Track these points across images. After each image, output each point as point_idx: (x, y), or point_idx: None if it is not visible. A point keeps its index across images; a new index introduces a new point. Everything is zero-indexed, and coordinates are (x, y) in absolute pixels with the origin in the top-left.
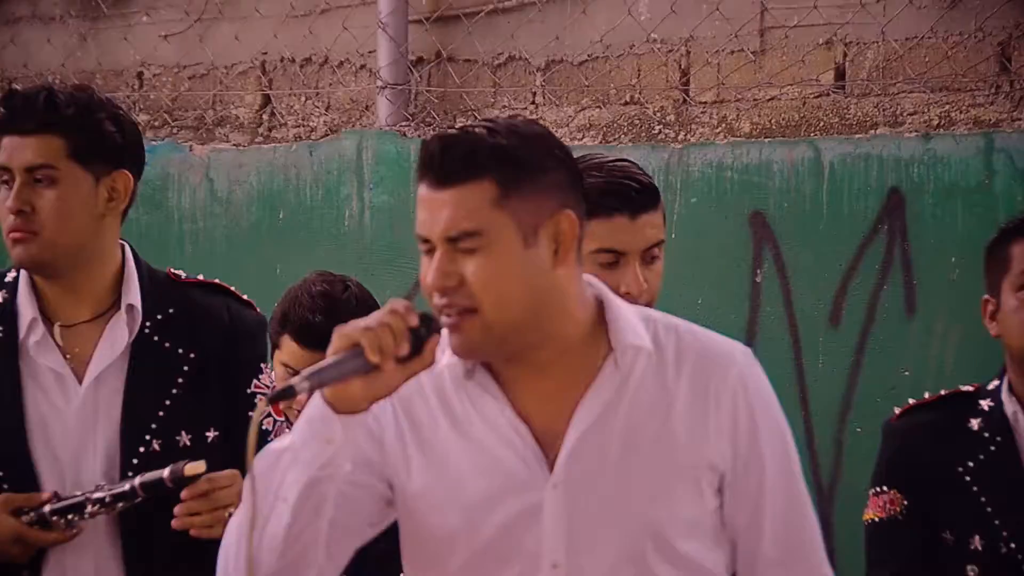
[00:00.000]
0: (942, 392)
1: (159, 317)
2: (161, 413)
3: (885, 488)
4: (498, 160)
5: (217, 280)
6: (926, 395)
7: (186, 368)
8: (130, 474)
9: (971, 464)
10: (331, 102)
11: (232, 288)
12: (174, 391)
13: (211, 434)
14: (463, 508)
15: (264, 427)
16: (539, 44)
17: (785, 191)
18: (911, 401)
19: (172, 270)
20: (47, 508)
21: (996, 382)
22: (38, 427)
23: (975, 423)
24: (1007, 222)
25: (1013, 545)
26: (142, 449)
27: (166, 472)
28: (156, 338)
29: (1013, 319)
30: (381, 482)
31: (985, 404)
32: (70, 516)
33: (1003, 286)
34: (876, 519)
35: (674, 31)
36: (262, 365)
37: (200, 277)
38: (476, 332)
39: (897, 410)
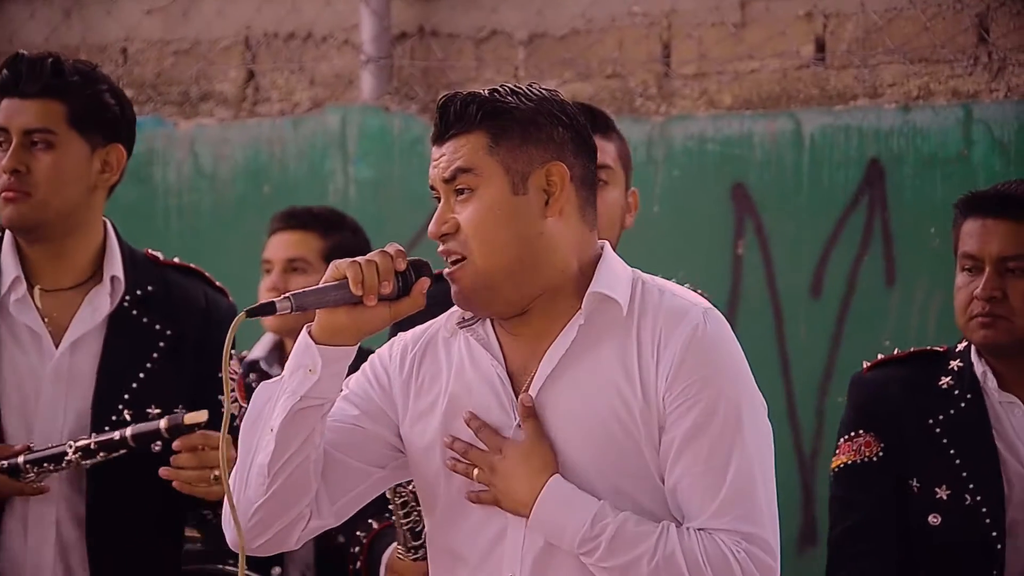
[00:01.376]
0: (911, 349)
1: (138, 293)
2: (135, 385)
3: (860, 432)
4: (489, 113)
5: (193, 264)
6: (895, 351)
7: (162, 344)
8: (106, 429)
9: (941, 417)
10: (315, 77)
11: (207, 274)
12: (148, 365)
13: (179, 410)
14: (444, 449)
15: (231, 412)
16: (521, 18)
17: (766, 163)
18: (880, 356)
19: (151, 251)
20: (21, 458)
21: (965, 343)
22: (11, 383)
23: (945, 381)
24: (963, 196)
25: (979, 497)
26: (114, 418)
27: (163, 422)
28: (135, 312)
29: (955, 297)
30: (386, 429)
31: (955, 364)
32: (45, 465)
33: (956, 259)
34: (848, 463)
35: (656, 4)
36: (232, 352)
37: (176, 260)
38: (469, 280)
39: (867, 363)
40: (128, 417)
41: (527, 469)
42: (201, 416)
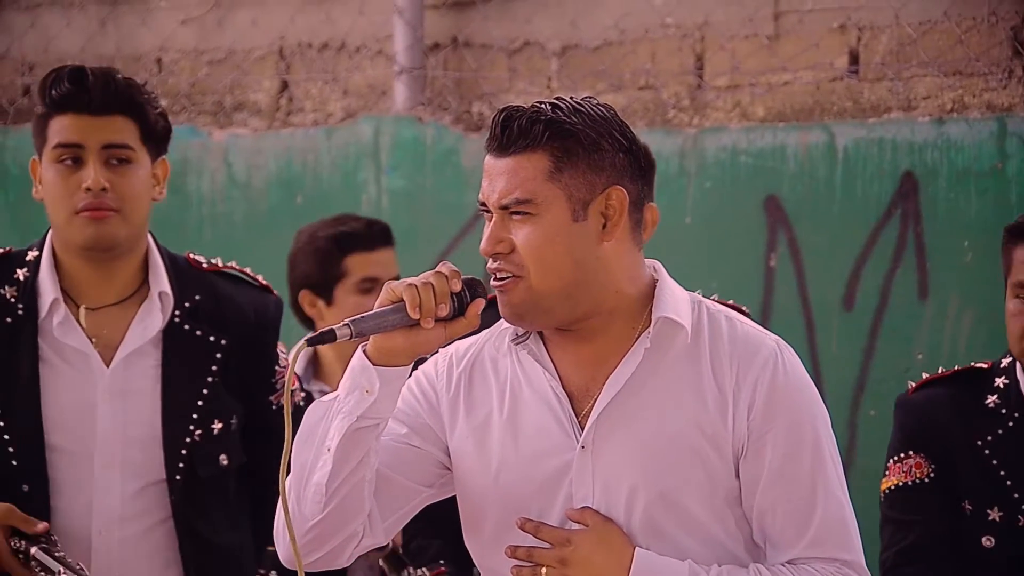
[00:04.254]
0: (956, 368)
1: (187, 305)
2: (200, 403)
3: (910, 454)
4: (554, 135)
5: (233, 264)
6: (940, 370)
7: (219, 356)
8: (180, 465)
9: (990, 438)
10: (348, 87)
11: (248, 272)
12: (209, 380)
13: (234, 422)
14: (499, 469)
15: (298, 402)
16: (554, 29)
17: (799, 175)
18: (925, 375)
19: (192, 255)
20: (33, 549)
21: (1009, 358)
22: (66, 407)
23: (991, 400)
24: (1016, 221)
25: None
26: (188, 440)
27: None
28: (187, 327)
29: (1009, 323)
30: (435, 447)
31: (1000, 382)
32: (42, 573)
33: (1007, 284)
34: (899, 484)
35: (689, 16)
36: (280, 351)
37: (218, 262)
38: (521, 298)
39: (912, 384)
40: (198, 437)
41: (606, 550)
42: None
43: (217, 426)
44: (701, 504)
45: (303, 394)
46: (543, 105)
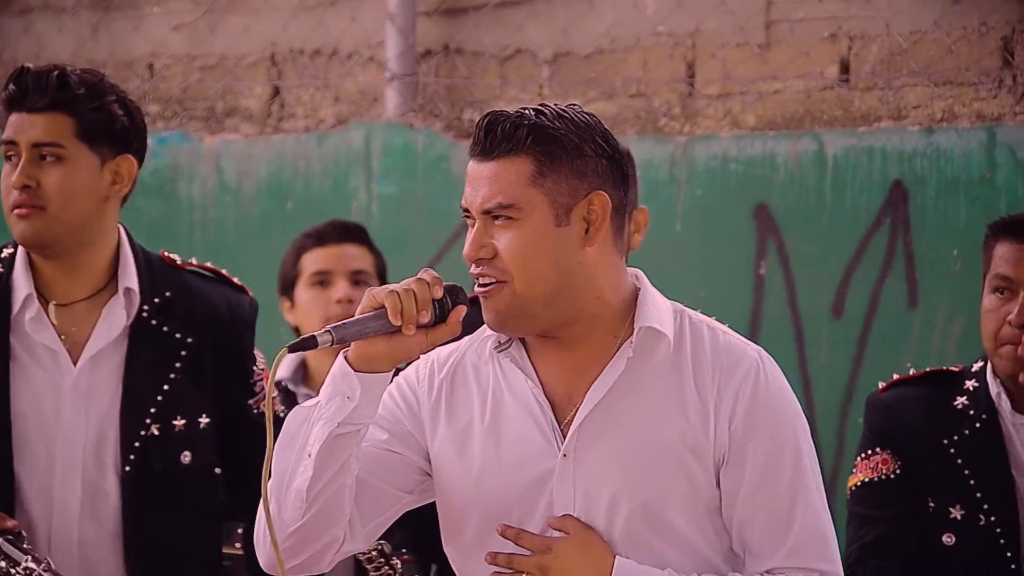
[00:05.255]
0: (927, 369)
1: (156, 301)
2: (160, 397)
3: (877, 450)
4: (538, 139)
5: (209, 264)
6: (911, 371)
7: (184, 353)
8: (132, 457)
9: (956, 438)
10: (340, 93)
11: (224, 272)
12: (172, 376)
13: (203, 420)
14: (480, 476)
15: (280, 415)
16: (546, 36)
17: (789, 184)
18: (895, 376)
19: (167, 253)
20: None
21: (980, 363)
22: (30, 403)
23: (960, 401)
24: (998, 219)
25: (993, 518)
26: (143, 433)
27: None
28: (154, 322)
29: (984, 319)
30: (416, 453)
31: (970, 384)
32: (3, 563)
33: (985, 282)
34: (866, 480)
35: (680, 24)
36: (256, 352)
37: (193, 261)
38: (506, 303)
39: (882, 384)
40: (156, 432)
41: (587, 558)
42: None
43: (180, 423)
44: (682, 514)
45: (282, 407)
46: (527, 111)
